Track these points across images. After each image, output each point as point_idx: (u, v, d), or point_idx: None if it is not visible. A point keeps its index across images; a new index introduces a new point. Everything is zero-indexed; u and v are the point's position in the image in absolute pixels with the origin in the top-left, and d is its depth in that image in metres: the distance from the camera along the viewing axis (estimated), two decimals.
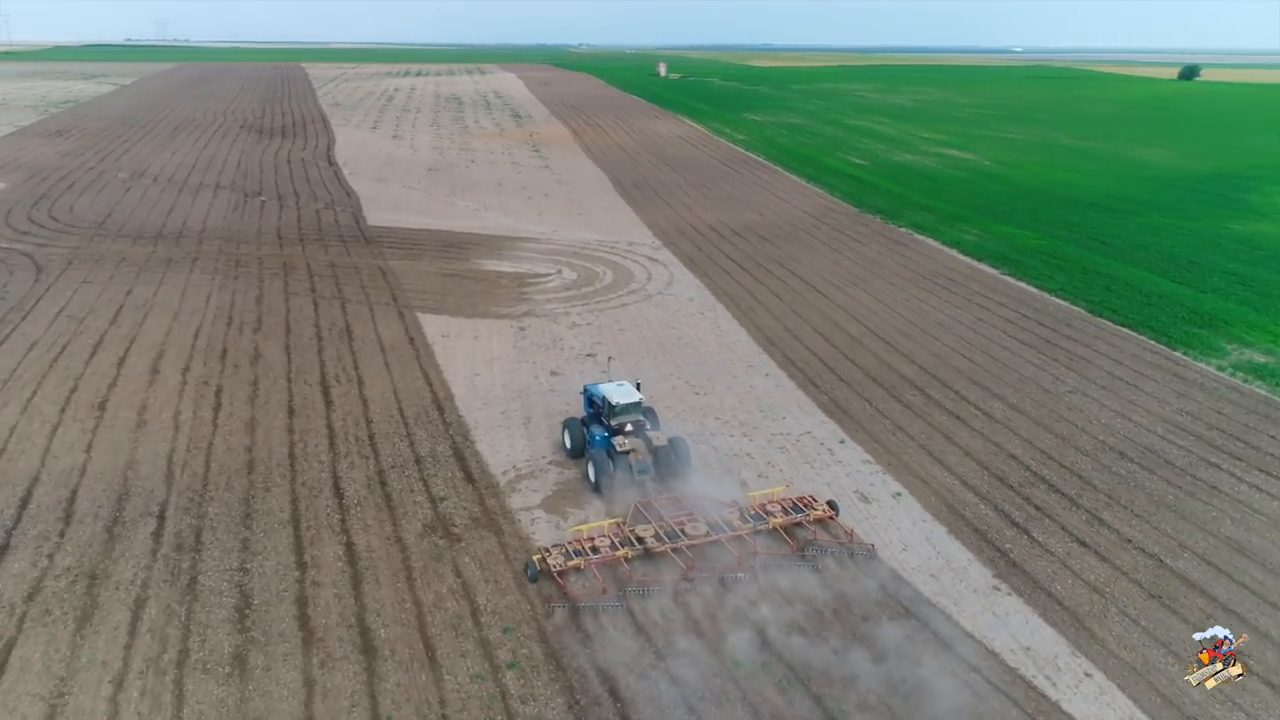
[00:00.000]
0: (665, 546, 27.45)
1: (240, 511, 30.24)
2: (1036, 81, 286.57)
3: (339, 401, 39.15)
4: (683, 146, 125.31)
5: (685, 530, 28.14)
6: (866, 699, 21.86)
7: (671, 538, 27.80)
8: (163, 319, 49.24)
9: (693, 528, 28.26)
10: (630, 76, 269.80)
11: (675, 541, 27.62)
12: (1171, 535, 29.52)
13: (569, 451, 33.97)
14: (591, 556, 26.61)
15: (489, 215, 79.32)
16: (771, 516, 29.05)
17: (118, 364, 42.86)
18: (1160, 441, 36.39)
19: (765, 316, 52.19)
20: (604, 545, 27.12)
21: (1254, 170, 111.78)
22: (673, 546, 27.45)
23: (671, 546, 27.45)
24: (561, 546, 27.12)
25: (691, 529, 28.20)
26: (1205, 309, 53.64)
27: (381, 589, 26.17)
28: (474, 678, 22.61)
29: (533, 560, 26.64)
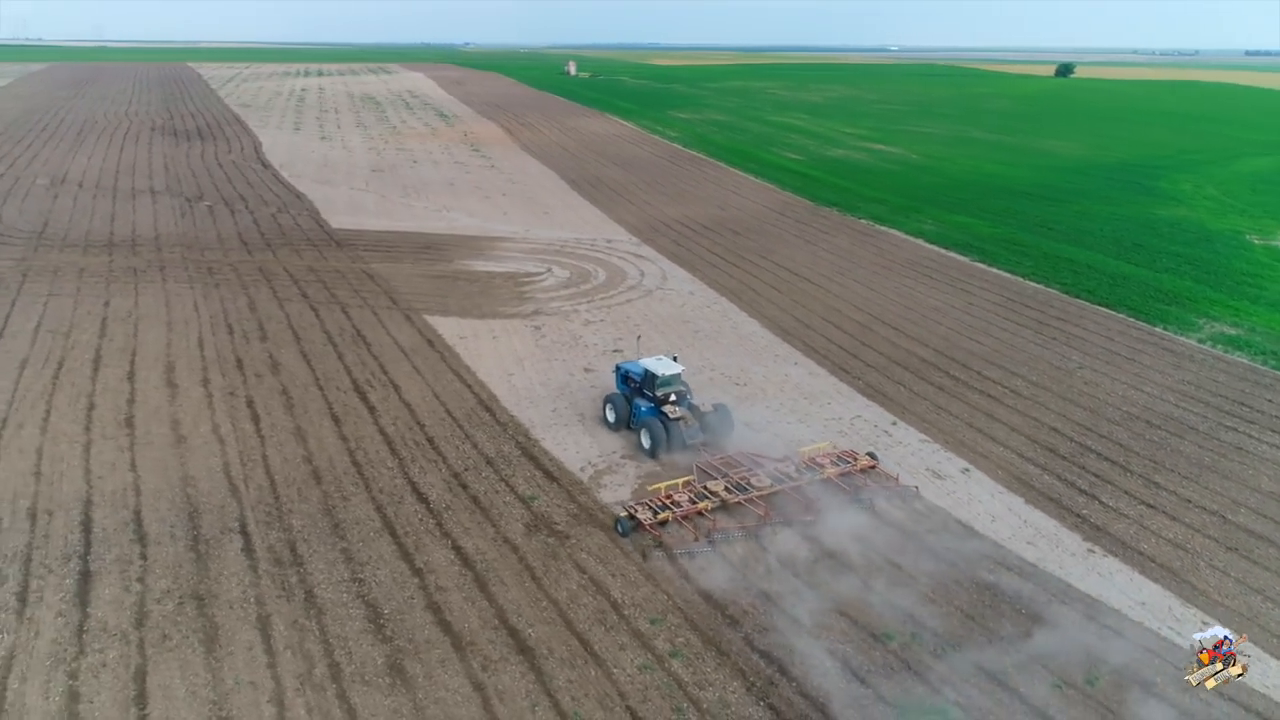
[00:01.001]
0: (739, 498, 29.86)
1: (326, 522, 29.25)
2: (931, 79, 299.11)
3: (381, 407, 38.14)
4: (621, 144, 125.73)
5: (751, 483, 30.62)
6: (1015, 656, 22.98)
7: (741, 490, 30.21)
8: (156, 330, 46.72)
9: (757, 480, 30.84)
10: (540, 75, 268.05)
11: (746, 494, 29.98)
12: (1221, 493, 31.90)
13: (611, 425, 36.21)
14: (671, 511, 28.72)
15: (453, 216, 77.97)
16: (824, 469, 31.67)
17: (128, 378, 40.53)
18: (1176, 409, 39.12)
19: (770, 308, 53.29)
20: (683, 500, 29.36)
21: (1154, 160, 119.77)
22: (745, 498, 29.87)
23: (745, 498, 29.87)
24: (645, 503, 29.17)
25: (756, 481, 30.75)
26: (1166, 288, 57.64)
27: (510, 590, 25.84)
28: (642, 668, 22.68)
29: (621, 518, 28.54)
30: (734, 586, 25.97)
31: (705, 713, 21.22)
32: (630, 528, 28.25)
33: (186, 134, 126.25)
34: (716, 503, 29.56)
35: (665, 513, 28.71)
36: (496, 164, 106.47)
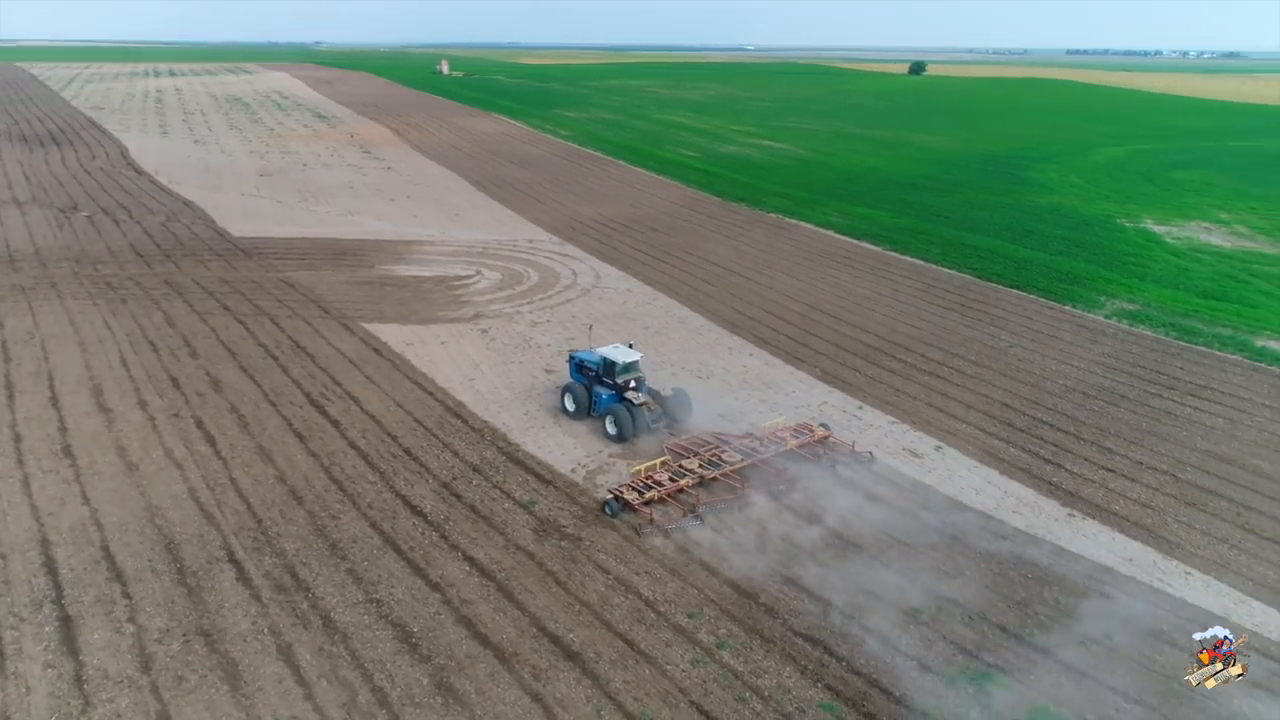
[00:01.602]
0: (715, 474, 31.20)
1: (321, 543, 27.84)
2: (797, 77, 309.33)
3: (345, 420, 36.51)
4: (515, 144, 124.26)
5: (723, 459, 32.15)
6: (1023, 615, 24.35)
7: (715, 466, 31.64)
8: (69, 351, 43.06)
9: (728, 456, 32.44)
10: (412, 75, 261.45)
11: (721, 469, 31.45)
12: (1166, 454, 34.66)
13: (571, 414, 36.91)
14: (658, 490, 29.80)
15: (361, 220, 75.19)
16: (786, 441, 33.53)
17: (51, 404, 37.23)
18: (1105, 380, 42.16)
19: (710, 302, 54.04)
20: (663, 479, 30.51)
21: (1017, 152, 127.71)
22: (721, 473, 31.29)
23: (721, 473, 31.29)
24: (628, 485, 30.20)
25: (728, 457, 32.34)
26: (1065, 269, 61.88)
27: (537, 596, 25.33)
28: (694, 662, 22.72)
29: (609, 500, 29.47)
30: (759, 574, 26.33)
31: (768, 699, 21.48)
32: (619, 509, 29.20)
33: (39, 139, 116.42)
34: (695, 480, 30.82)
35: (651, 492, 29.68)
36: (393, 166, 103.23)
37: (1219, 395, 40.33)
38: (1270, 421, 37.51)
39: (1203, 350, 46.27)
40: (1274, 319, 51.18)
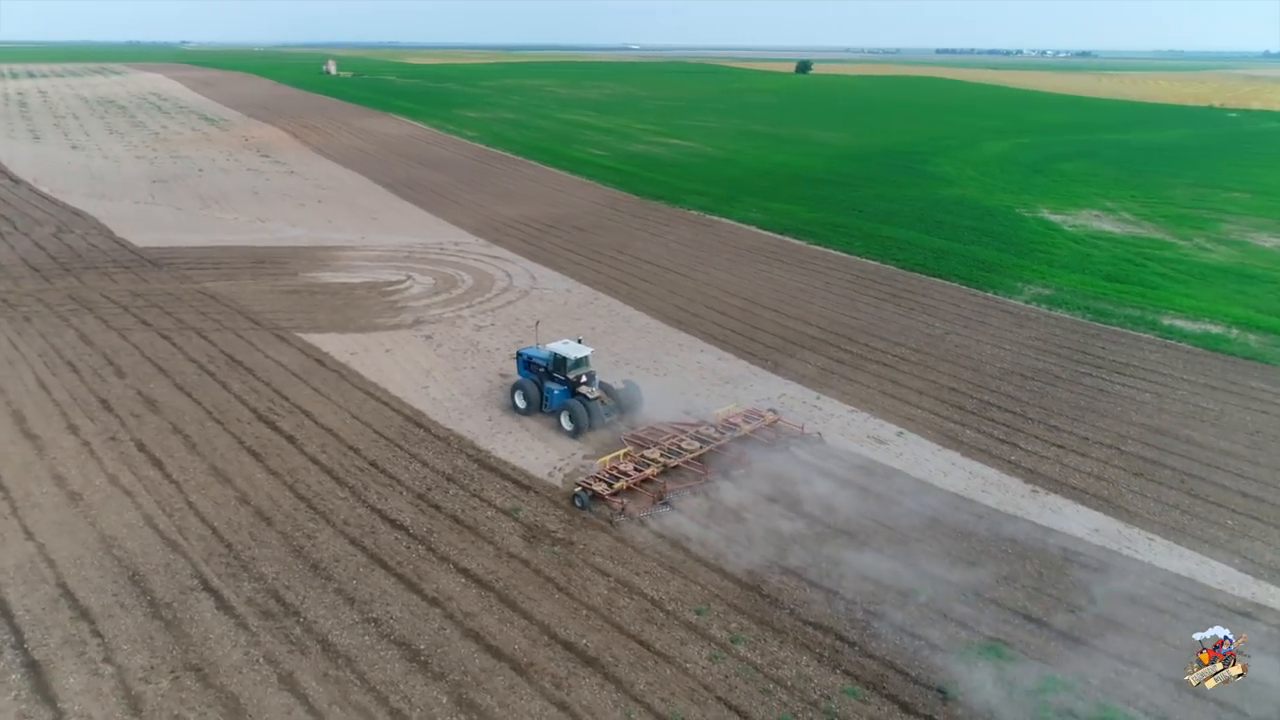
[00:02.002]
0: (677, 461, 31.84)
1: (301, 565, 26.63)
2: (689, 76, 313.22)
3: (301, 436, 34.97)
4: (421, 145, 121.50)
5: (683, 447, 32.74)
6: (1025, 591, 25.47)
7: (677, 454, 32.22)
8: None
9: (687, 444, 32.97)
10: (297, 75, 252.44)
11: (682, 457, 32.10)
12: (1106, 429, 36.75)
13: (522, 411, 36.96)
14: (625, 480, 30.16)
15: (274, 227, 72.06)
16: (740, 427, 34.47)
17: None
18: (1038, 362, 44.36)
19: (650, 300, 54.18)
20: (628, 469, 30.88)
21: (911, 147, 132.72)
22: (683, 461, 31.96)
23: (683, 461, 31.95)
24: (596, 477, 30.38)
25: (687, 445, 32.90)
26: (980, 258, 64.77)
27: (541, 604, 24.90)
28: (712, 659, 22.78)
29: (579, 493, 29.75)
30: (757, 567, 26.59)
31: (792, 689, 21.73)
32: (588, 500, 29.51)
33: None
34: (659, 468, 31.31)
35: (620, 482, 30.04)
36: (296, 170, 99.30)
37: (1141, 372, 43.00)
38: (1192, 394, 40.22)
39: (1117, 330, 49.24)
40: (1174, 299, 54.88)
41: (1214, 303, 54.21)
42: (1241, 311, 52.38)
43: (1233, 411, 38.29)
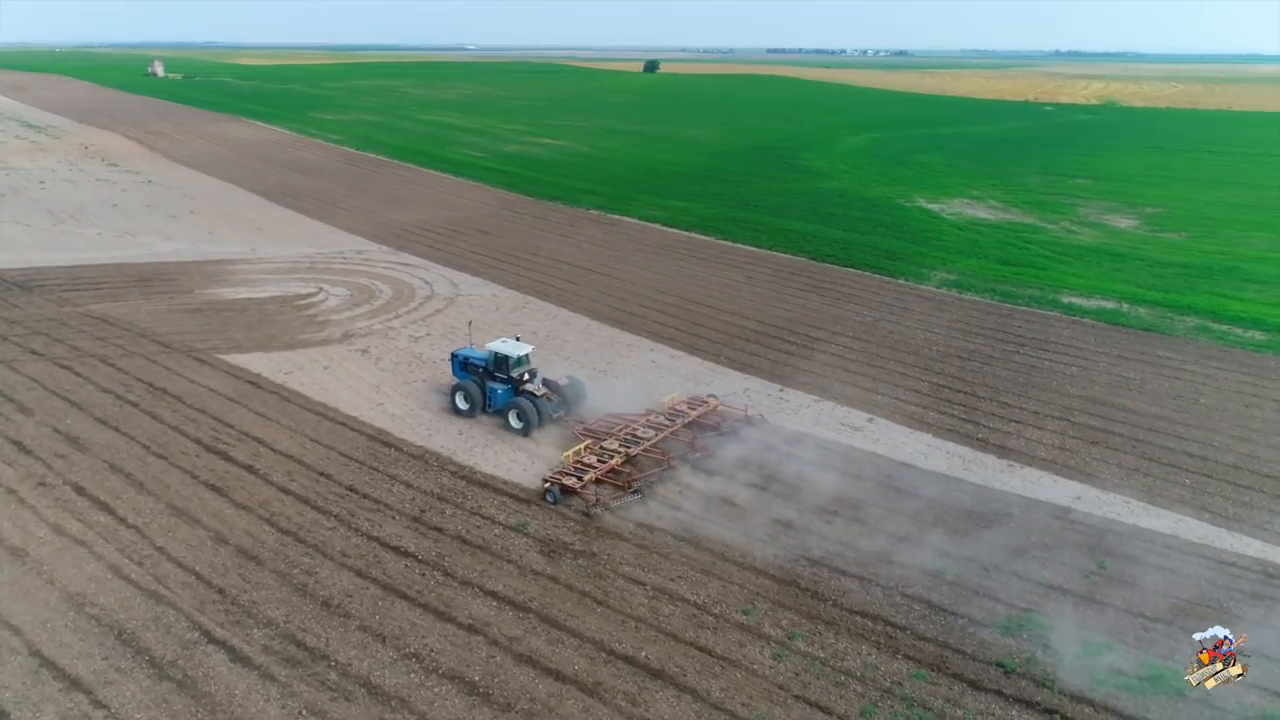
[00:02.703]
0: (638, 450, 32.44)
1: (311, 604, 24.62)
2: (542, 76, 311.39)
3: (261, 465, 32.33)
4: (286, 150, 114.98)
5: (638, 436, 33.33)
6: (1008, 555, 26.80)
7: (633, 444, 32.71)
8: None
9: (642, 433, 33.62)
10: (120, 77, 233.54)
11: (640, 445, 32.67)
12: (1051, 402, 39.13)
13: (464, 412, 36.56)
14: (594, 471, 30.40)
15: (147, 241, 66.28)
16: (685, 415, 35.34)
17: None
18: (969, 343, 46.75)
19: (582, 301, 53.44)
20: (592, 461, 31.19)
21: (777, 143, 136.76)
22: (642, 449, 32.56)
23: (642, 449, 32.55)
24: (563, 472, 30.50)
25: (642, 434, 33.53)
26: (881, 247, 67.64)
27: (586, 619, 24.05)
28: (776, 657, 22.67)
29: (552, 489, 29.75)
30: (784, 560, 26.67)
31: (863, 679, 21.92)
32: (560, 495, 29.57)
33: None
34: (622, 458, 31.70)
35: (589, 474, 30.20)
36: (154, 179, 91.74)
37: (1060, 347, 46.11)
38: (1111, 366, 43.49)
39: (1026, 310, 52.62)
40: (1063, 278, 59.20)
41: (1098, 280, 58.84)
42: (1124, 287, 57.11)
43: (1152, 379, 41.67)
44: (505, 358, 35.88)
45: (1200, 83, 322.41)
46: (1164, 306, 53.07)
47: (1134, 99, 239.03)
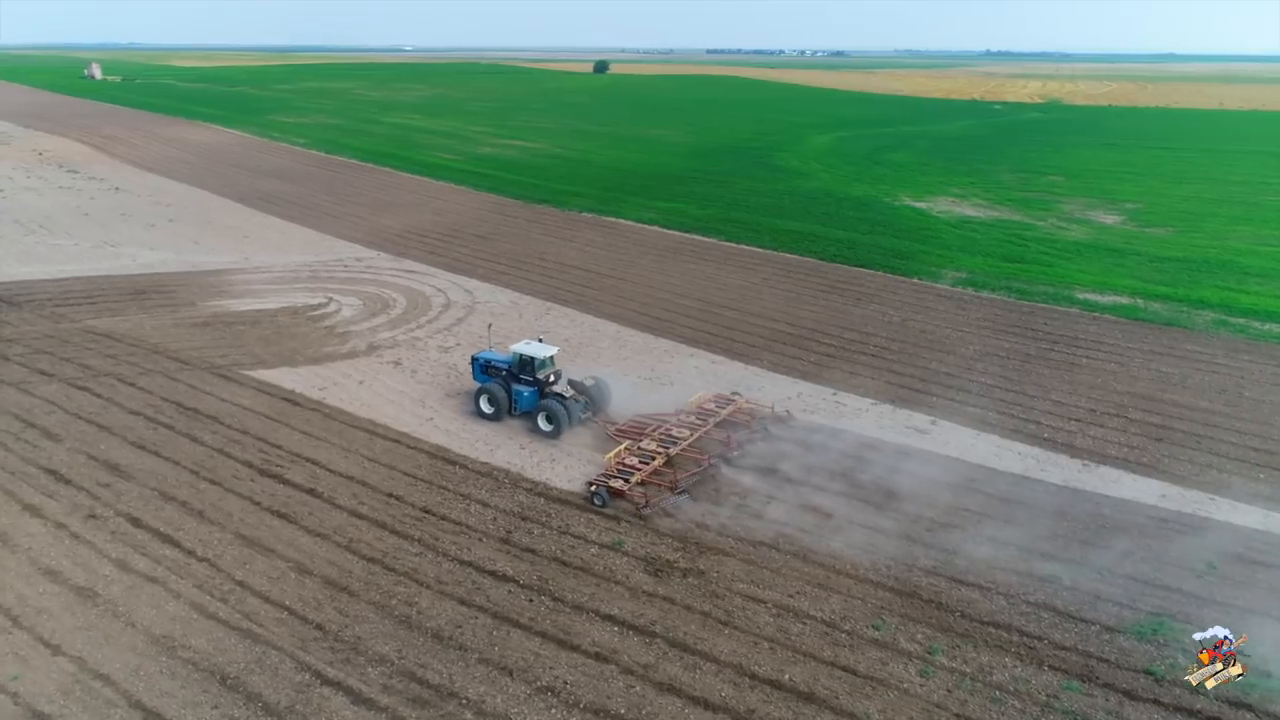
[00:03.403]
0: (677, 450, 32.29)
1: (421, 637, 23.25)
2: (493, 77, 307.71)
3: (323, 488, 30.64)
4: (253, 154, 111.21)
5: (673, 435, 33.20)
6: None
7: (671, 444, 32.57)
8: None
9: (677, 432, 33.48)
10: (56, 80, 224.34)
11: (676, 446, 32.44)
12: (1102, 400, 39.24)
13: (489, 416, 35.99)
14: (640, 472, 30.19)
15: (130, 251, 63.15)
16: (715, 414, 35.18)
17: None
18: (1002, 341, 46.81)
19: (604, 306, 52.34)
20: (634, 463, 30.92)
21: (747, 142, 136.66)
22: (681, 450, 32.36)
23: (680, 450, 32.35)
24: (607, 475, 30.27)
25: (677, 433, 33.37)
26: (887, 247, 67.71)
27: (717, 642, 23.10)
28: (923, 674, 21.98)
29: (599, 491, 29.47)
30: (898, 571, 26.08)
31: (1018, 694, 21.39)
32: (608, 497, 29.28)
33: None
34: (664, 458, 31.49)
35: (636, 475, 29.99)
36: (122, 186, 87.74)
37: (1092, 344, 46.48)
38: (1147, 361, 43.94)
39: (1046, 307, 53.03)
40: (1070, 275, 59.94)
41: (1103, 276, 59.68)
42: (1131, 283, 58.01)
43: (1191, 374, 42.19)
44: (531, 359, 35.37)
45: (1131, 81, 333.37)
46: (1176, 301, 53.97)
47: (1074, 97, 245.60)
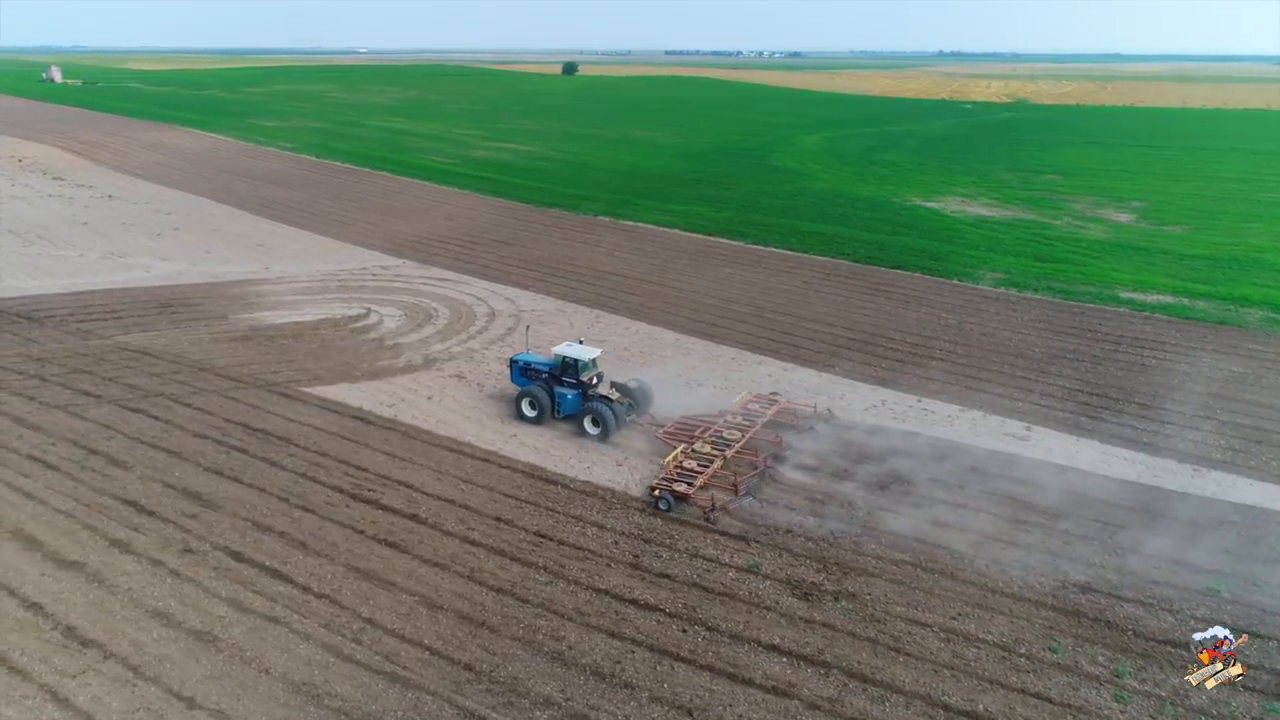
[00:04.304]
0: (733, 451, 32.30)
1: (581, 676, 21.87)
2: (464, 80, 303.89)
3: (427, 513, 28.99)
4: (243, 159, 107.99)
5: (725, 437, 33.21)
6: None
7: (724, 445, 32.57)
8: None
9: (728, 434, 33.46)
10: (14, 84, 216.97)
11: (729, 448, 32.43)
12: (1187, 400, 38.71)
13: (532, 419, 35.65)
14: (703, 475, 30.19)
15: (141, 262, 60.46)
16: (762, 414, 35.32)
17: None
18: (1065, 343, 46.30)
19: (654, 313, 51.07)
20: (693, 466, 30.87)
21: (738, 143, 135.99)
22: (736, 451, 32.41)
23: (736, 451, 32.39)
24: (668, 479, 30.07)
25: (729, 435, 33.38)
26: (915, 247, 67.24)
27: (895, 671, 21.96)
28: (1118, 699, 21.04)
29: (664, 495, 29.15)
30: (1048, 587, 25.20)
31: (1221, 716, 20.54)
32: (671, 503, 28.99)
33: None
34: (722, 460, 31.46)
35: (699, 479, 29.94)
36: (114, 194, 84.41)
37: (1153, 344, 46.25)
38: (1216, 361, 43.77)
39: (1095, 307, 52.81)
40: (1106, 274, 59.91)
41: (1138, 275, 59.74)
42: (1167, 281, 58.11)
43: (1264, 374, 42.08)
44: (574, 362, 35.04)
45: (1089, 80, 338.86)
46: (1219, 299, 54.08)
47: (1040, 96, 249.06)
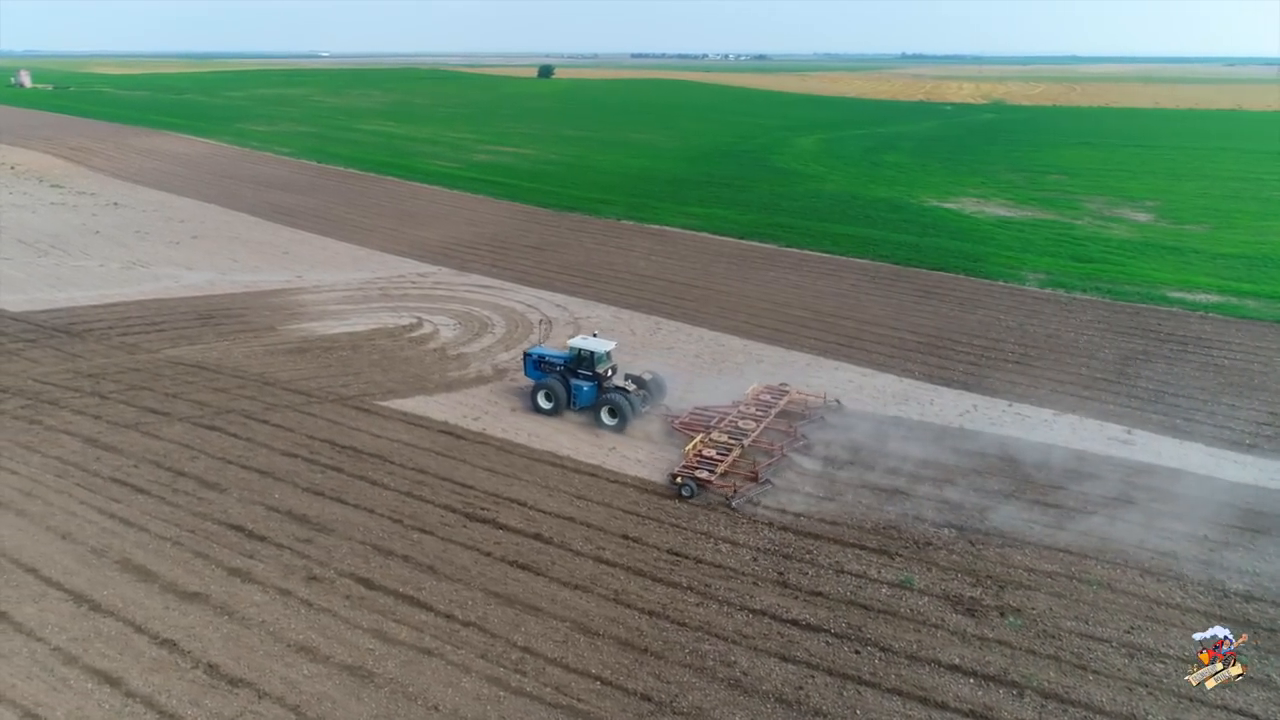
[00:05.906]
0: (750, 441, 32.74)
1: (768, 705, 20.91)
2: (445, 83, 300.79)
3: (552, 533, 27.84)
4: (241, 165, 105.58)
5: (740, 427, 33.73)
6: None
7: (740, 435, 33.04)
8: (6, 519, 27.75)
9: (744, 424, 34.00)
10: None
11: (745, 438, 32.82)
12: (1258, 402, 38.69)
13: (548, 411, 36.20)
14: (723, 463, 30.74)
15: (168, 272, 58.49)
16: (774, 405, 35.80)
17: (79, 606, 23.61)
18: (1127, 344, 46.10)
19: (713, 319, 50.19)
20: (712, 454, 31.41)
21: (736, 145, 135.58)
22: (752, 441, 32.82)
23: (752, 441, 32.81)
24: (689, 467, 30.65)
25: (745, 425, 33.93)
26: (951, 249, 67.00)
27: (1089, 689, 21.23)
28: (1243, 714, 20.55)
29: (687, 483, 29.71)
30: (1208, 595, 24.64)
31: None
32: (695, 490, 29.61)
33: None
34: (740, 449, 31.98)
35: (721, 466, 30.53)
36: (119, 202, 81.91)
37: (1221, 345, 46.17)
38: None
39: (1149, 307, 52.76)
40: (1146, 273, 60.05)
41: (1179, 275, 59.95)
42: (1209, 280, 58.35)
43: None
44: (590, 354, 35.60)
45: (1057, 82, 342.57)
46: (1268, 298, 54.36)
47: (1015, 98, 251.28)
